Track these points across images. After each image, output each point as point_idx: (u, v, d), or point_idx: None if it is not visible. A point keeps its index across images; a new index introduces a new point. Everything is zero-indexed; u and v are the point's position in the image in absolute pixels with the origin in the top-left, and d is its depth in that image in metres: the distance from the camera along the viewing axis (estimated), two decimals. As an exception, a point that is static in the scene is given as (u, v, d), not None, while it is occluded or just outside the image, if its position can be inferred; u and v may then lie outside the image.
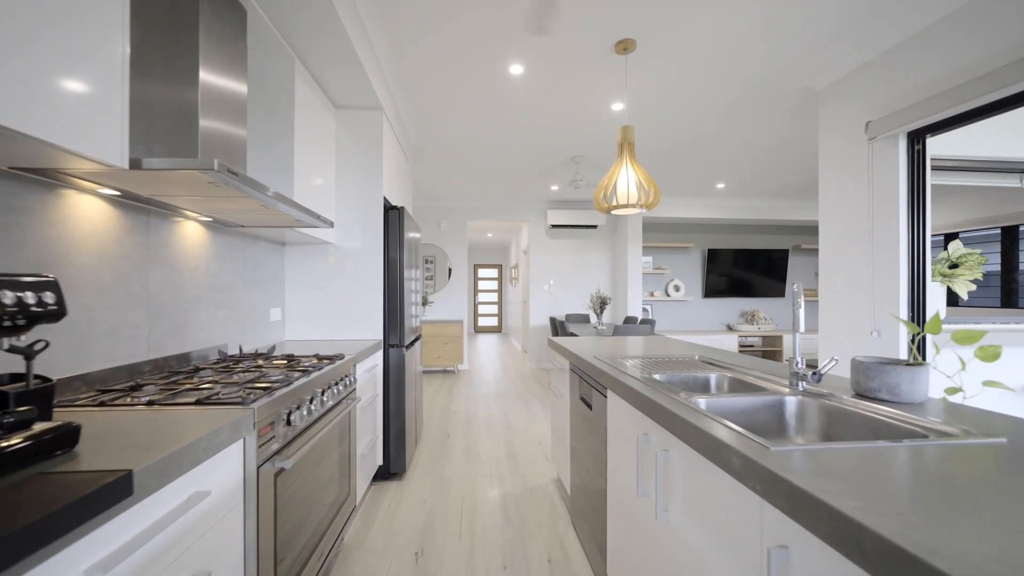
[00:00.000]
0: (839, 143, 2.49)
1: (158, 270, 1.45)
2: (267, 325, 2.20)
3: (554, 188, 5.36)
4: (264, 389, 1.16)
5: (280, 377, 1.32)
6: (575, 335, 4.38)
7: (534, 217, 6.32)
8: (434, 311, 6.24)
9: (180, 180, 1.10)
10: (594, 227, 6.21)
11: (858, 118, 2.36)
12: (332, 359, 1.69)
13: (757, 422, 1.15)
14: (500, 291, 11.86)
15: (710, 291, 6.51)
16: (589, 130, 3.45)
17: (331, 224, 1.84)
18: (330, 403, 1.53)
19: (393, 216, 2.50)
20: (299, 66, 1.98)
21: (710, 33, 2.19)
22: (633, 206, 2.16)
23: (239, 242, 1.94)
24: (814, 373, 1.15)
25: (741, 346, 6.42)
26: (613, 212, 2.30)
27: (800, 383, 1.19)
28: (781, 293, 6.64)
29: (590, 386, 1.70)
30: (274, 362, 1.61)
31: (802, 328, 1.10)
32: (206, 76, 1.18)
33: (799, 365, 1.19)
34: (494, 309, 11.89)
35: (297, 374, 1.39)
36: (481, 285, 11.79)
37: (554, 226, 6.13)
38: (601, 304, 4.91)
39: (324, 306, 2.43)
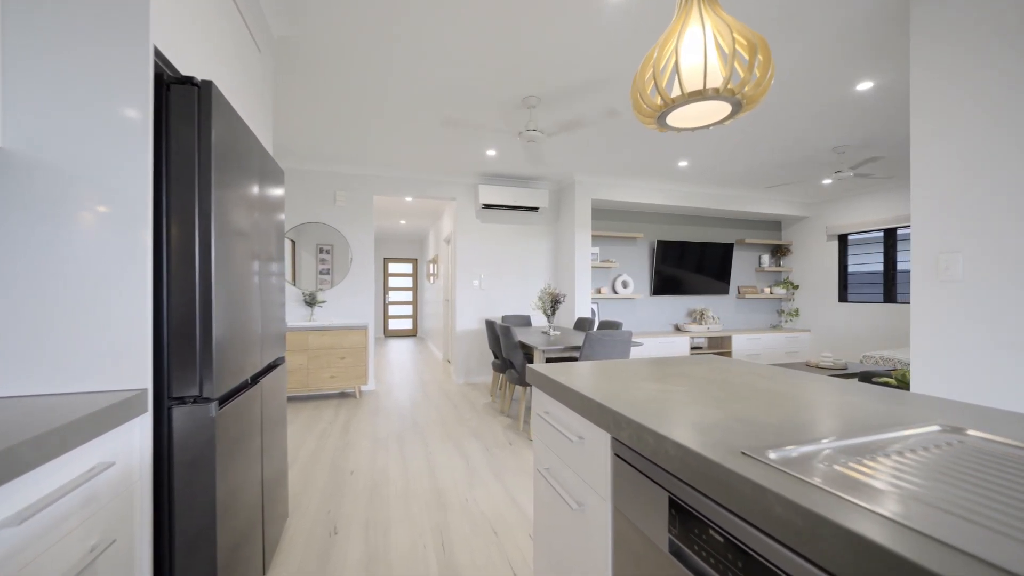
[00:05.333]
0: (958, 51, 1.64)
1: None
2: None
3: (491, 153, 4.15)
4: None
5: None
6: (527, 345, 3.22)
7: (462, 194, 5.05)
8: (327, 314, 4.66)
9: None
10: (535, 209, 5.13)
11: (1000, 6, 1.52)
12: None
13: None
14: (415, 289, 10.34)
15: (658, 288, 5.82)
16: (562, 42, 2.30)
17: None
18: None
19: (181, 98, 1.08)
20: None
21: None
22: (716, 93, 1.04)
23: None
24: None
25: (692, 348, 5.83)
26: (670, 122, 1.16)
27: None
28: (725, 291, 6.21)
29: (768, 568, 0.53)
30: None
31: None
32: None
33: None
34: (408, 310, 10.34)
35: None
36: (393, 282, 10.16)
37: (487, 206, 4.93)
38: (553, 303, 3.83)
39: (-23, 312, 0.94)
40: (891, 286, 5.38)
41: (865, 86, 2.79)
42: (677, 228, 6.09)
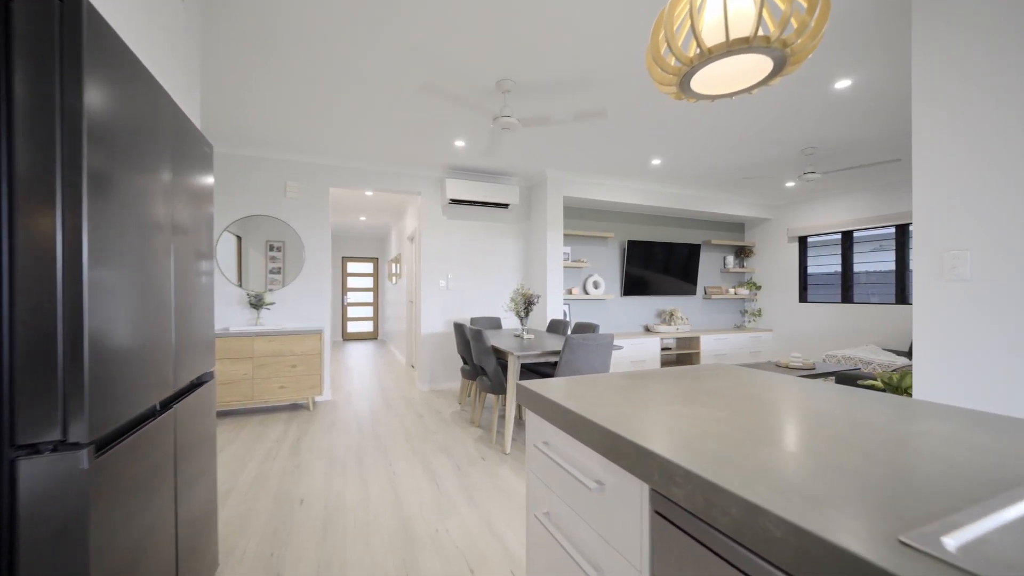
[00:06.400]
0: (963, 35, 1.55)
1: None
2: None
3: (459, 144, 3.88)
4: None
5: None
6: (500, 350, 2.98)
7: (427, 188, 4.73)
8: (277, 317, 4.21)
9: None
10: (505, 206, 4.90)
11: (1014, -6, 1.44)
12: None
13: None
14: (376, 289, 9.85)
15: (629, 288, 5.74)
16: (544, 18, 2.07)
17: None
18: None
19: (31, 17, 0.75)
20: None
21: None
22: (767, 43, 0.84)
23: None
24: None
25: (662, 348, 5.79)
26: (695, 86, 0.96)
27: None
28: (692, 292, 6.23)
29: None
30: None
31: None
32: None
33: None
34: (369, 312, 9.82)
35: None
36: (352, 283, 9.62)
37: (454, 201, 4.64)
38: (527, 304, 3.61)
39: None
40: (848, 287, 5.55)
41: (844, 84, 2.76)
42: (647, 228, 6.05)
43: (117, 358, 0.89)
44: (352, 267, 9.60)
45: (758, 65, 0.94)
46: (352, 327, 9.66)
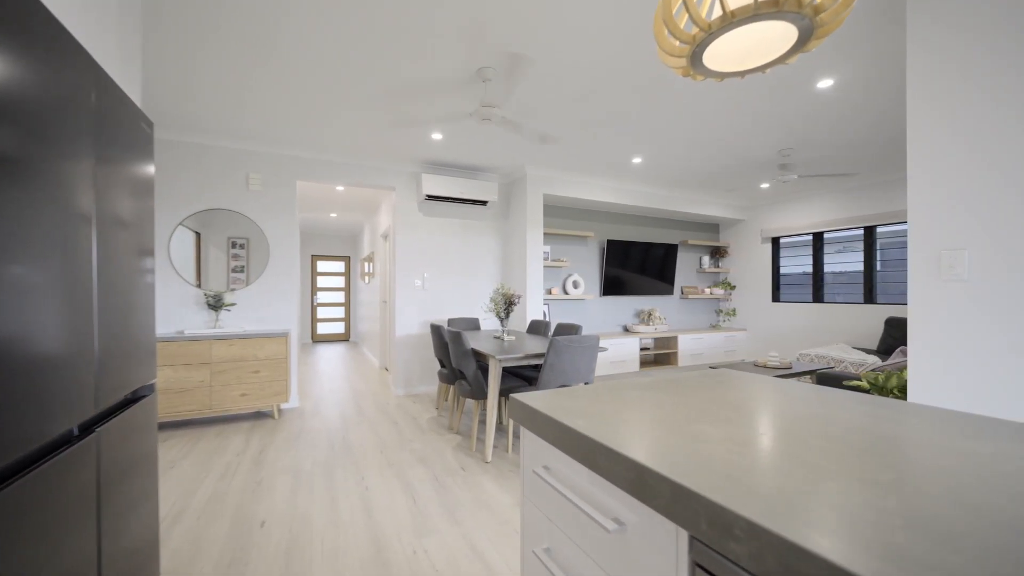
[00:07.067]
0: (959, 32, 1.51)
1: None
2: None
3: (436, 137, 3.70)
4: None
5: None
6: (481, 353, 2.82)
7: (402, 183, 4.52)
8: (239, 319, 3.92)
9: None
10: (484, 203, 4.74)
11: (1014, -13, 1.40)
12: None
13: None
14: (348, 289, 9.50)
15: (608, 288, 5.70)
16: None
17: None
18: None
19: None
20: None
21: None
22: (799, 6, 0.73)
23: None
24: None
25: (641, 348, 5.77)
26: (708, 62, 0.85)
27: None
28: (670, 291, 6.25)
29: None
30: None
31: None
32: None
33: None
34: (340, 312, 9.46)
35: None
36: (322, 282, 9.24)
37: (431, 197, 4.46)
38: (507, 305, 3.47)
39: None
40: (819, 287, 5.68)
41: (826, 84, 2.75)
42: (626, 228, 6.02)
43: (3, 376, 0.70)
44: (322, 266, 9.23)
45: (780, 37, 0.84)
46: (322, 328, 9.28)
